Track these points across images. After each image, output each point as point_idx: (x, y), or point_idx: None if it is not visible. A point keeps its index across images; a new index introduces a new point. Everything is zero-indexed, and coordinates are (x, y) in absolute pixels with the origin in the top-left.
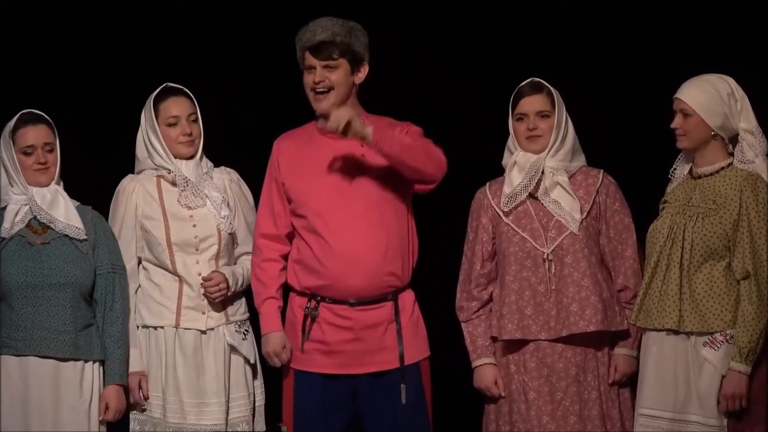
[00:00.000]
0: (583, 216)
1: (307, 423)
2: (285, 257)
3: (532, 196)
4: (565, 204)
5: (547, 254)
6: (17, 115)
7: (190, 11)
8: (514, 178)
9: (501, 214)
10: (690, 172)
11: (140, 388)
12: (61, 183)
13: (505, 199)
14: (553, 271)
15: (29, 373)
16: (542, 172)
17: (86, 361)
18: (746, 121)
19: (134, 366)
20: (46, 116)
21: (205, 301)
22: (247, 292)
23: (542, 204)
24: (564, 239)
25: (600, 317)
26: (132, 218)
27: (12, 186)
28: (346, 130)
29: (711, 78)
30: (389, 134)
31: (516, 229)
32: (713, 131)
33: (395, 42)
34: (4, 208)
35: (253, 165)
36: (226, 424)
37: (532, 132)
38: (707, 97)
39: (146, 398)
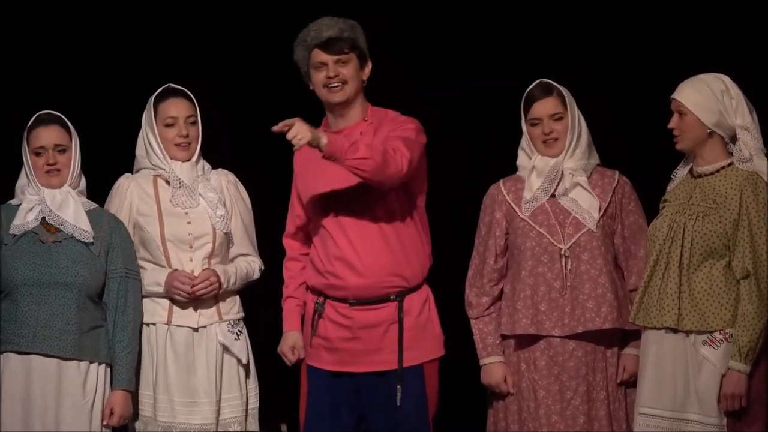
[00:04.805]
0: (600, 215)
1: (319, 416)
2: (307, 256)
3: (551, 195)
4: (583, 202)
5: (564, 250)
6: (35, 116)
7: (201, 13)
8: (534, 183)
9: (516, 209)
10: (690, 171)
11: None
12: (83, 183)
13: (526, 205)
14: (569, 267)
15: (32, 370)
16: (561, 174)
17: (91, 362)
18: (741, 118)
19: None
20: (63, 117)
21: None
22: (241, 292)
23: (559, 202)
24: (581, 236)
25: (615, 315)
26: (125, 216)
27: (29, 185)
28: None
29: (705, 77)
30: (340, 148)
31: (533, 224)
32: (709, 129)
33: (399, 39)
34: (18, 205)
35: (253, 168)
36: (217, 423)
37: (549, 136)
38: (701, 95)
39: None
